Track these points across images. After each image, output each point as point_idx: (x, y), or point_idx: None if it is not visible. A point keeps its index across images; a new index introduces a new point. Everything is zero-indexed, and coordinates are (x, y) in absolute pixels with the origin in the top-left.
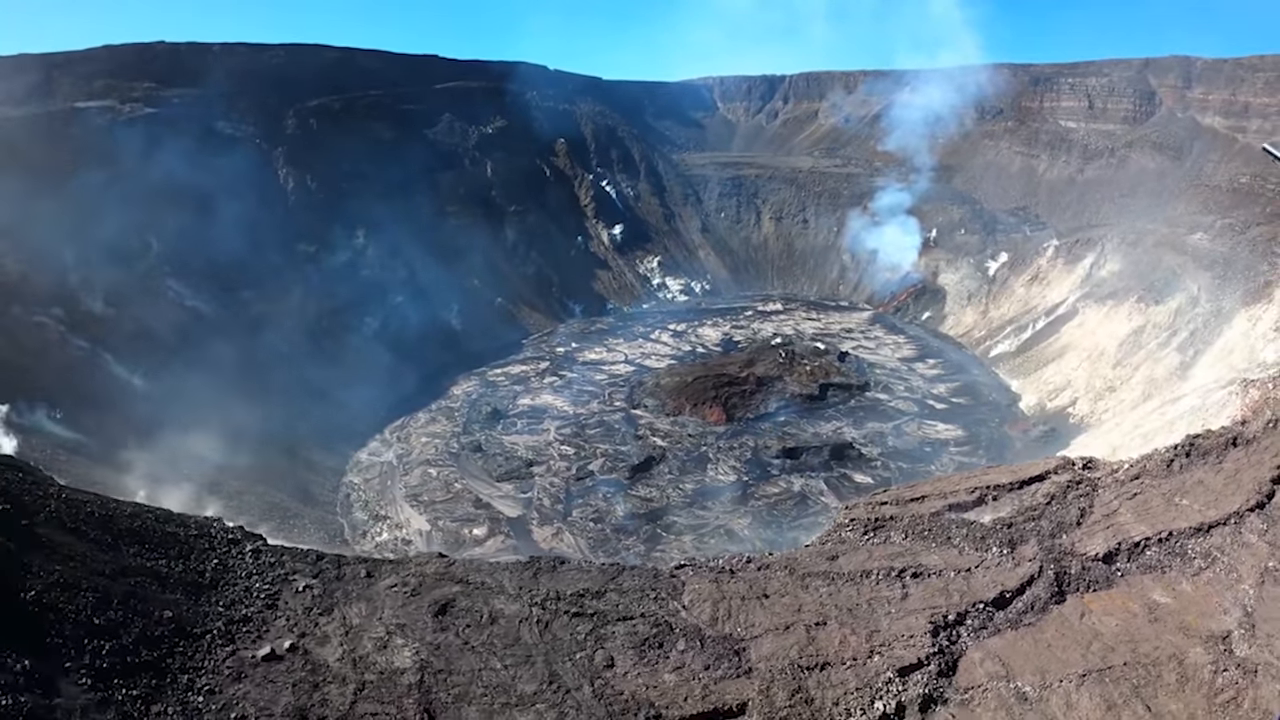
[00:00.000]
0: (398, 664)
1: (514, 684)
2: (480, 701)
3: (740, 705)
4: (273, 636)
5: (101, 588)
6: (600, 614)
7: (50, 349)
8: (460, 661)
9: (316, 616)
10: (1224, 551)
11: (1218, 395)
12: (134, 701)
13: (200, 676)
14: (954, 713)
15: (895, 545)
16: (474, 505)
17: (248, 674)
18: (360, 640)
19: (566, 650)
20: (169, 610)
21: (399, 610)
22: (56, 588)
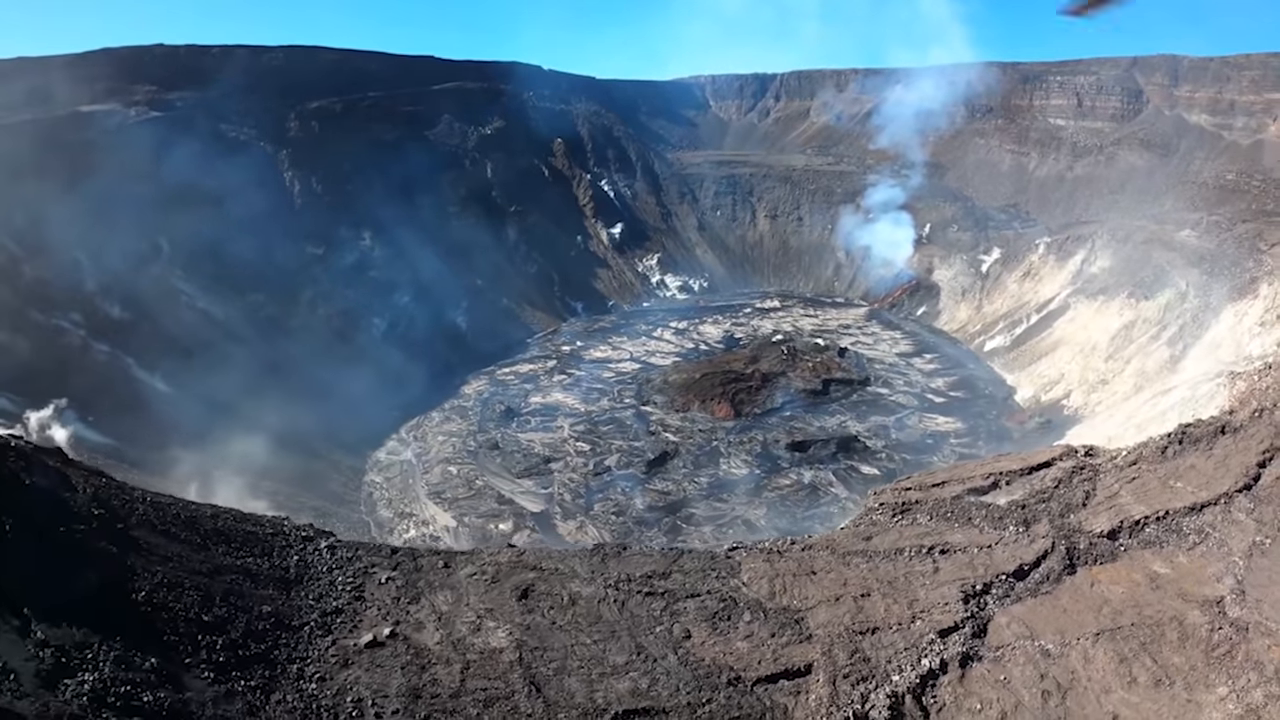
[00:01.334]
0: (494, 644)
1: (606, 656)
2: (579, 673)
3: (807, 666)
4: (368, 625)
5: (202, 586)
6: (670, 592)
7: (73, 354)
8: (552, 639)
9: (406, 605)
10: (1215, 528)
11: (1206, 387)
12: (253, 692)
13: (308, 665)
14: (989, 668)
15: (922, 526)
16: (497, 501)
17: (354, 661)
18: (454, 625)
19: (646, 625)
20: (267, 605)
21: (483, 596)
22: (163, 588)
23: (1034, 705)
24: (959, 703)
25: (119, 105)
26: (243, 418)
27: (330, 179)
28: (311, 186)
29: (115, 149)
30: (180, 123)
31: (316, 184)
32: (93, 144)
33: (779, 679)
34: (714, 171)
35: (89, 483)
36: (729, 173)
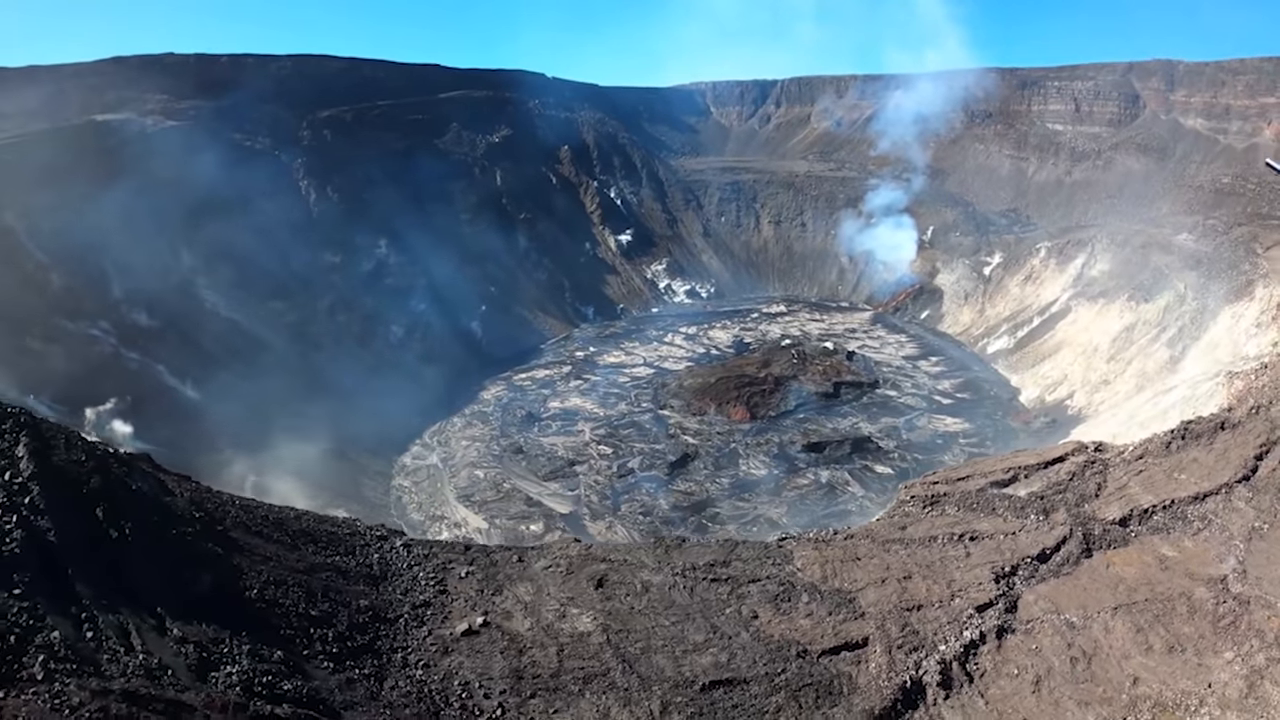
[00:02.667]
0: (581, 628)
1: (685, 635)
2: (664, 651)
3: (864, 639)
4: (459, 616)
5: (303, 583)
6: (733, 578)
7: (106, 361)
8: (633, 622)
9: (490, 597)
10: (1217, 515)
11: (1206, 386)
12: (368, 679)
13: (410, 654)
14: (1022, 639)
15: (951, 516)
16: (526, 504)
17: (453, 648)
18: (540, 613)
19: (716, 608)
20: (363, 600)
21: (562, 586)
22: (270, 585)
23: (1064, 670)
24: (998, 669)
25: (134, 114)
26: (272, 424)
27: (345, 187)
28: (327, 195)
29: (135, 158)
30: (197, 132)
31: (332, 192)
32: (113, 153)
33: (840, 651)
34: (718, 178)
35: (182, 487)
36: (733, 179)
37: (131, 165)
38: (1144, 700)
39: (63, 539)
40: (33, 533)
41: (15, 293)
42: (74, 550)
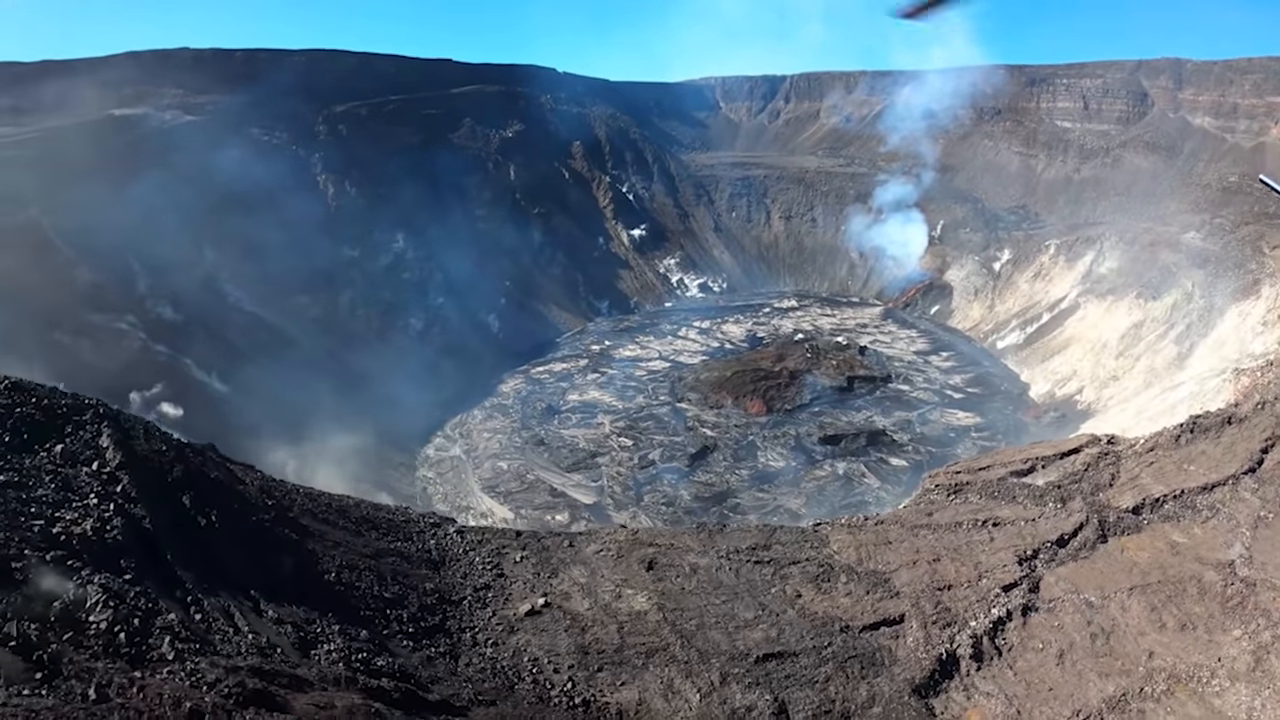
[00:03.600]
0: (637, 607)
1: (736, 613)
2: (717, 627)
3: (900, 615)
4: (519, 597)
5: (372, 567)
6: (774, 560)
7: (135, 355)
8: (686, 601)
9: (547, 579)
10: (1225, 504)
11: (1213, 383)
12: (444, 657)
13: (479, 633)
14: (1045, 617)
15: (974, 503)
16: (550, 494)
17: (519, 627)
18: (597, 593)
19: (761, 587)
20: (429, 583)
21: (614, 569)
22: (345, 569)
23: (1084, 644)
24: (1024, 643)
25: (151, 109)
26: (298, 416)
27: (363, 182)
28: (345, 189)
29: (155, 153)
30: (215, 127)
31: (350, 187)
32: (133, 148)
33: (880, 626)
34: (729, 173)
35: (249, 476)
36: (743, 174)
37: (152, 160)
38: (1159, 672)
39: (157, 526)
40: (130, 520)
41: (44, 287)
42: (169, 537)
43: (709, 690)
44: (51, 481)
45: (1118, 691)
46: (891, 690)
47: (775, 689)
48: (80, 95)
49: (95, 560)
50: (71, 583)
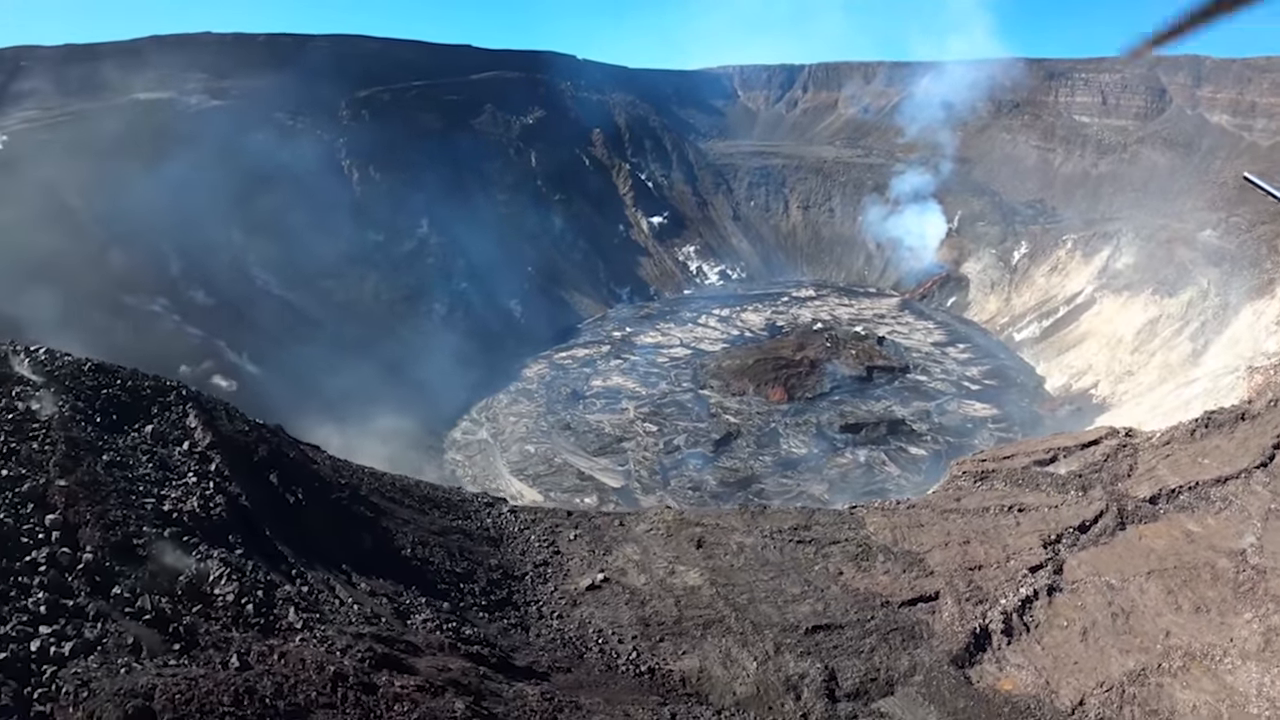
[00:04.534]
0: (691, 583)
1: (783, 588)
2: (767, 601)
3: (935, 593)
4: (577, 573)
5: (441, 544)
6: (815, 540)
7: (169, 338)
8: (737, 577)
9: (601, 556)
10: (1237, 496)
11: (1227, 380)
12: (515, 628)
13: (544, 606)
14: (1068, 597)
15: (999, 490)
16: (578, 478)
17: (581, 601)
18: (652, 569)
19: (805, 565)
20: (493, 559)
21: (665, 546)
22: (418, 545)
23: (1106, 623)
24: (1050, 621)
25: (177, 93)
26: (329, 399)
27: (386, 167)
28: (370, 174)
29: (183, 137)
30: (241, 112)
31: (374, 172)
32: (160, 132)
33: (917, 602)
34: (747, 162)
35: (317, 455)
36: (762, 164)
37: (180, 144)
38: (1176, 650)
39: (253, 504)
40: (230, 498)
41: (80, 269)
42: (264, 514)
43: (764, 659)
44: (149, 461)
45: (1137, 666)
46: (931, 660)
47: (825, 658)
48: (104, 79)
49: (207, 537)
50: (191, 558)
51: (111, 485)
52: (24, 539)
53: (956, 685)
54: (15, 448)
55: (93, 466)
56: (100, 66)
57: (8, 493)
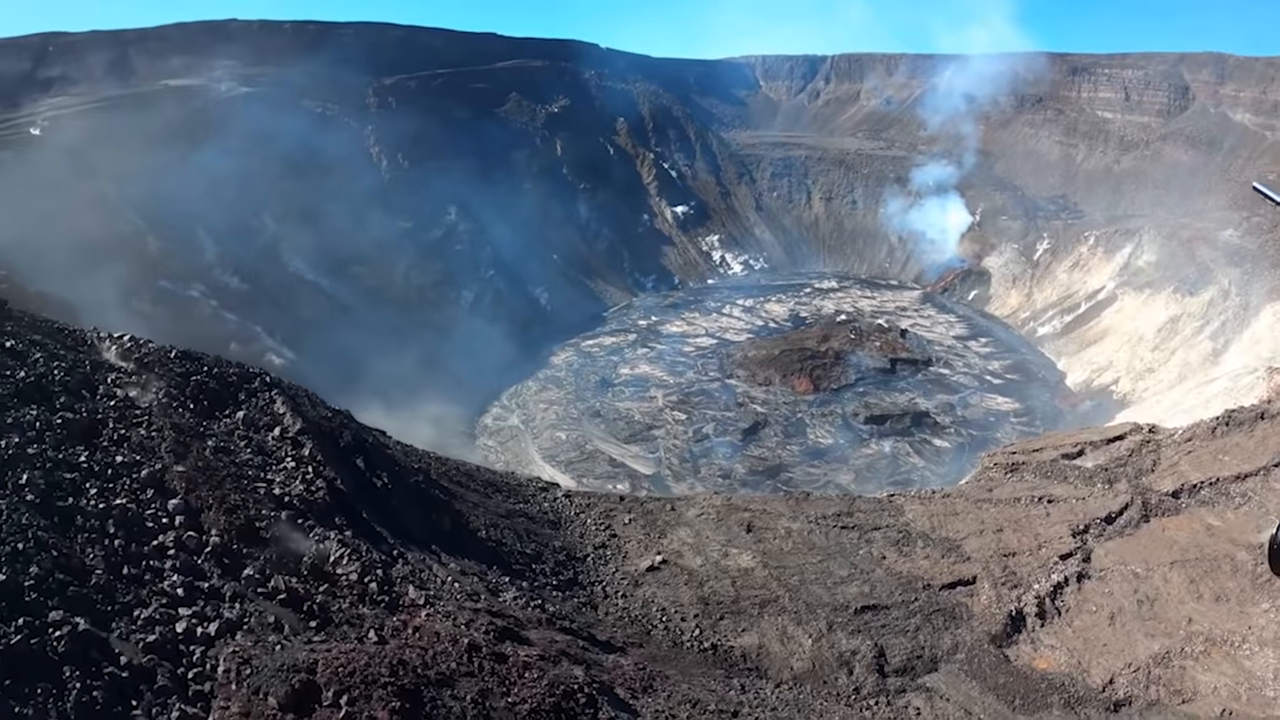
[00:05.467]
0: (744, 565)
1: (832, 571)
2: (818, 583)
3: (973, 577)
4: (635, 555)
5: (509, 526)
6: (858, 526)
7: (207, 324)
8: (787, 560)
9: (657, 539)
10: (1256, 493)
11: (1247, 379)
12: (584, 607)
13: (608, 586)
14: (1096, 584)
15: (1029, 481)
16: (610, 465)
17: (642, 581)
18: (707, 552)
19: (850, 549)
20: (557, 541)
21: (716, 530)
22: (490, 527)
23: (1132, 609)
24: (1080, 606)
25: (205, 80)
26: (364, 384)
27: (414, 155)
28: (398, 162)
29: (214, 123)
30: (270, 99)
31: (402, 159)
32: (191, 118)
33: (956, 586)
34: (770, 153)
35: (384, 440)
36: (784, 154)
37: (211, 131)
38: (1197, 636)
39: (347, 487)
40: (328, 482)
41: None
42: (359, 497)
43: (819, 636)
44: (247, 447)
45: (1162, 650)
46: (972, 640)
47: (874, 636)
48: (132, 65)
49: (316, 519)
50: (310, 539)
51: (223, 470)
52: (149, 524)
53: (996, 663)
54: (125, 434)
55: (201, 452)
56: (127, 53)
57: (126, 479)
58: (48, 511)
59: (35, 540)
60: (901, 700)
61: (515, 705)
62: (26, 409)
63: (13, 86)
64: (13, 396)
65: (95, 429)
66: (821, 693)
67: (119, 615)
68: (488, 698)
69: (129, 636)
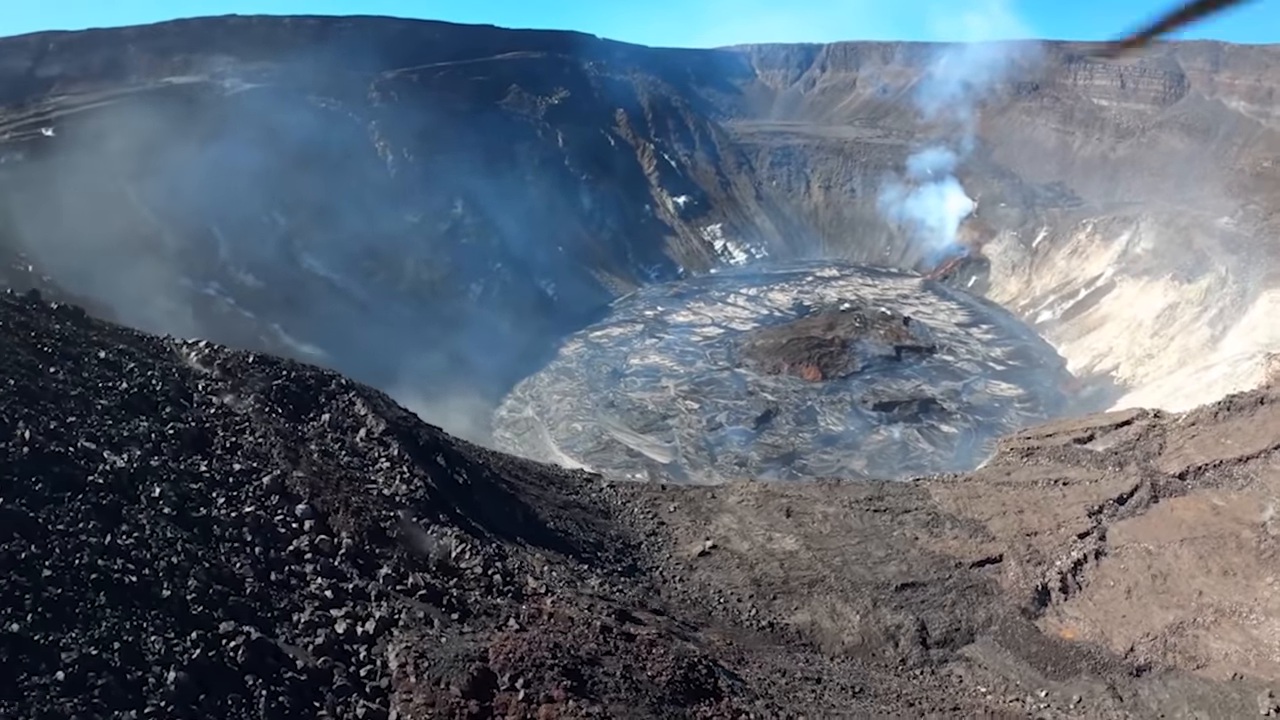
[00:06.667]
0: (788, 548)
1: (870, 551)
2: (858, 563)
3: (999, 556)
4: (686, 541)
5: (570, 517)
6: (889, 510)
7: (225, 320)
8: (827, 542)
9: (703, 525)
10: (1258, 474)
11: (1245, 365)
12: (647, 591)
13: (665, 571)
14: (1113, 560)
15: (1044, 465)
16: (627, 454)
17: (696, 565)
18: (752, 537)
19: (885, 532)
20: (612, 530)
21: (758, 516)
22: (554, 518)
23: (1146, 583)
24: (1099, 581)
25: (209, 77)
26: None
27: (419, 149)
28: (403, 156)
29: (220, 121)
30: (274, 95)
31: (408, 154)
32: (198, 116)
33: (984, 564)
34: (768, 142)
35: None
36: (783, 143)
37: (218, 128)
38: (1208, 607)
39: (438, 484)
40: (422, 480)
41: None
42: (448, 493)
43: (865, 612)
44: (341, 449)
45: (1176, 620)
46: (1005, 613)
47: (915, 611)
48: (130, 63)
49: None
50: (429, 536)
51: (335, 473)
52: (281, 529)
53: (1028, 634)
54: (237, 441)
55: (310, 456)
56: (127, 50)
57: (248, 486)
58: (185, 523)
59: (185, 553)
60: (944, 670)
61: (654, 678)
62: (137, 420)
63: (15, 87)
64: (120, 408)
65: (206, 438)
66: (872, 664)
67: (279, 621)
68: (632, 672)
69: (294, 640)
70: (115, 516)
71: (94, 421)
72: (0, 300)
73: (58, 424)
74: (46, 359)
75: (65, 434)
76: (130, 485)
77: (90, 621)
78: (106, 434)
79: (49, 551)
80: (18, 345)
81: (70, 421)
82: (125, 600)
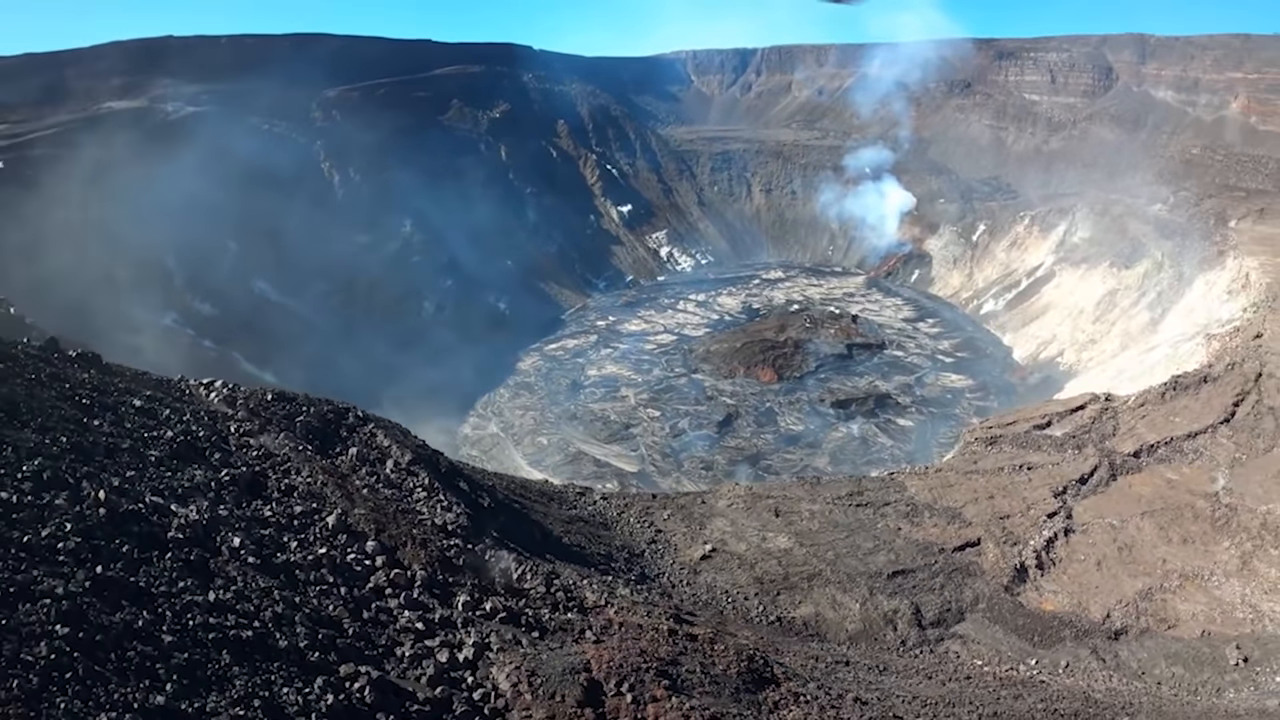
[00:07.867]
0: (782, 545)
1: (859, 544)
2: (850, 554)
3: (977, 539)
4: (686, 546)
5: (576, 531)
6: (871, 503)
7: (187, 351)
8: (818, 538)
9: (698, 530)
10: (1206, 449)
11: (1186, 346)
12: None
13: (671, 576)
14: (1081, 536)
15: (1008, 452)
16: (595, 465)
17: (699, 569)
18: (748, 537)
19: (869, 524)
20: (617, 540)
21: (749, 517)
22: (566, 535)
23: (1114, 555)
24: (1070, 556)
25: (149, 101)
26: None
27: (365, 168)
28: (350, 176)
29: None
30: (218, 118)
31: (354, 173)
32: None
33: (965, 548)
34: (708, 147)
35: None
36: (722, 148)
37: (164, 153)
38: (1172, 573)
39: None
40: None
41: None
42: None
43: (864, 601)
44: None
45: (1145, 587)
46: (990, 591)
47: (908, 596)
48: (69, 88)
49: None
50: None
51: (389, 507)
52: (356, 568)
53: (1013, 609)
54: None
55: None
56: (63, 75)
57: (313, 527)
58: (271, 570)
59: (283, 600)
60: (942, 647)
61: (725, 670)
62: (191, 469)
63: None
64: (171, 458)
65: (260, 482)
66: (875, 648)
67: (385, 657)
68: (706, 668)
69: (405, 675)
70: (205, 571)
71: (152, 474)
72: (20, 351)
73: (120, 480)
74: (88, 412)
75: (131, 490)
76: (207, 538)
77: (224, 682)
78: (169, 486)
79: (160, 616)
80: (56, 399)
81: (130, 476)
82: (248, 656)
